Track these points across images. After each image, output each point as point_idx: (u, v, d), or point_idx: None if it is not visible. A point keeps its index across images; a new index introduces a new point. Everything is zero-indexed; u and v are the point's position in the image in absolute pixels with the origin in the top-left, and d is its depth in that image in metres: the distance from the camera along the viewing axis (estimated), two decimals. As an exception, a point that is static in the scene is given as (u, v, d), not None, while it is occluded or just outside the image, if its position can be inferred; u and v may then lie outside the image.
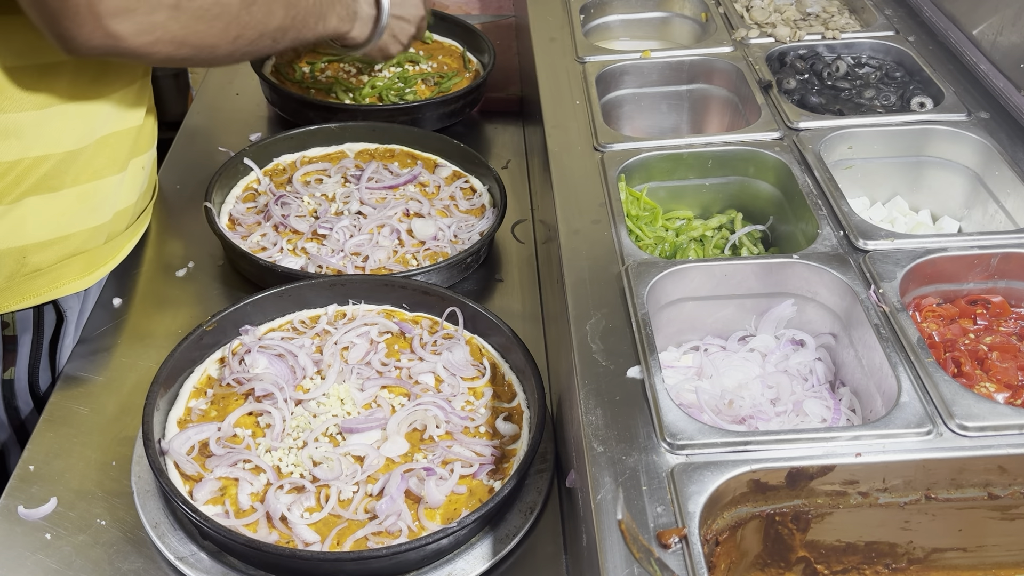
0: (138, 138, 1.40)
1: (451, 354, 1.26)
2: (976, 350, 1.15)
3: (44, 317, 1.36)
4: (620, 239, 1.24)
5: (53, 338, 1.39)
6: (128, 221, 1.44)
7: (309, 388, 1.22)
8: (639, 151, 1.43)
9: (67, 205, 1.29)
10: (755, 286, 1.23)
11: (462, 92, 1.81)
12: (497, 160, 1.79)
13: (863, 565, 1.03)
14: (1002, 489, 0.98)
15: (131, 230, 1.46)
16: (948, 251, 1.21)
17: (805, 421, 1.14)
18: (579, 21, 1.81)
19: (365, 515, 1.08)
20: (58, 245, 1.31)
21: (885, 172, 1.49)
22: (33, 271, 1.30)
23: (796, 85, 1.61)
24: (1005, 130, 1.43)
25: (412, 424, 1.18)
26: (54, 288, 1.33)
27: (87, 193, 1.31)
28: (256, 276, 1.44)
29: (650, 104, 1.72)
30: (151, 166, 1.50)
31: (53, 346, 1.40)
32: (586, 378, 1.04)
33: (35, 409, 1.41)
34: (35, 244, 1.28)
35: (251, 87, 1.96)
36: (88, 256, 1.36)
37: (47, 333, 1.38)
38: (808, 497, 0.98)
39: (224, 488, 1.10)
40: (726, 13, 1.83)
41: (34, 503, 1.14)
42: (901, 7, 1.82)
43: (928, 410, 0.99)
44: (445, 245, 1.50)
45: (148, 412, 1.13)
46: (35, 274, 1.30)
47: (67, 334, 1.39)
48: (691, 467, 0.94)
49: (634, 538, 0.87)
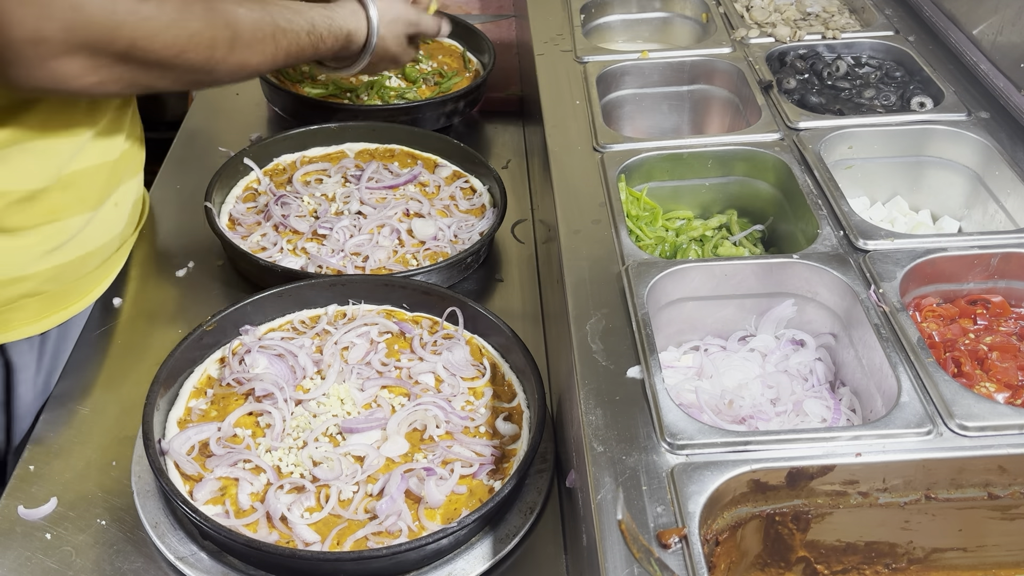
0: (112, 174, 1.31)
1: (451, 354, 1.26)
2: (976, 350, 1.15)
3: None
4: (620, 239, 1.24)
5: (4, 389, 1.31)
6: (97, 262, 1.34)
7: (309, 388, 1.22)
8: (639, 151, 1.43)
9: (24, 246, 1.21)
10: (755, 286, 1.23)
11: (462, 92, 1.81)
12: (497, 160, 1.79)
13: (863, 565, 1.03)
14: (1002, 489, 0.98)
15: (100, 270, 1.36)
16: (948, 251, 1.21)
17: (805, 421, 1.14)
18: (579, 21, 1.81)
19: (365, 515, 1.08)
20: (9, 287, 1.23)
21: (885, 172, 1.49)
22: None
23: (796, 85, 1.61)
24: (1005, 130, 1.43)
25: (412, 424, 1.18)
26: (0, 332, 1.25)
27: (48, 235, 1.23)
28: (256, 276, 1.44)
29: (651, 104, 1.72)
30: (134, 197, 1.42)
31: (7, 396, 1.31)
32: (586, 378, 1.04)
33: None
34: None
35: (251, 87, 1.96)
36: (43, 299, 1.27)
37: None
38: (808, 497, 0.98)
39: (224, 488, 1.10)
40: (726, 13, 1.83)
41: (34, 503, 1.14)
42: (901, 7, 1.82)
43: (928, 410, 0.99)
44: (445, 245, 1.50)
45: (148, 412, 1.13)
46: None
47: (20, 383, 1.30)
48: (691, 467, 0.94)
49: (634, 538, 0.87)
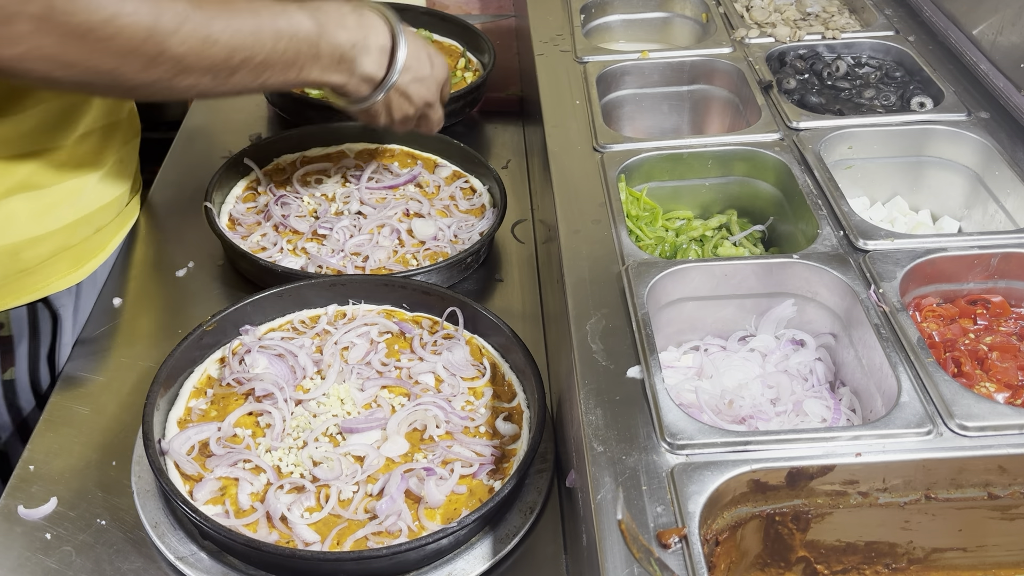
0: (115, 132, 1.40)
1: (451, 354, 1.26)
2: (976, 350, 1.15)
3: (39, 315, 1.36)
4: (620, 239, 1.24)
5: (51, 337, 1.39)
6: (112, 214, 1.44)
7: (309, 388, 1.22)
8: (639, 151, 1.43)
9: (52, 202, 1.29)
10: (755, 286, 1.23)
11: (462, 92, 1.81)
12: (497, 160, 1.79)
13: (863, 565, 1.03)
14: (1002, 489, 0.98)
15: (116, 223, 1.46)
16: (948, 251, 1.21)
17: (805, 421, 1.14)
18: (579, 21, 1.81)
19: (365, 515, 1.08)
20: (46, 241, 1.30)
21: (885, 172, 1.49)
22: (23, 269, 1.30)
23: (796, 85, 1.61)
24: (1005, 130, 1.43)
25: (412, 424, 1.18)
26: (46, 285, 1.33)
27: (71, 189, 1.31)
28: (256, 276, 1.44)
29: (651, 105, 1.72)
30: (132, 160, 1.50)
31: (52, 345, 1.39)
32: (586, 378, 1.04)
33: (37, 407, 1.41)
34: (24, 241, 1.28)
35: (251, 87, 1.96)
36: (76, 251, 1.36)
37: (43, 332, 1.37)
38: (808, 497, 0.98)
39: (224, 488, 1.10)
40: (726, 13, 1.83)
41: (34, 503, 1.14)
42: (901, 7, 1.82)
43: (928, 410, 0.99)
44: (445, 245, 1.50)
45: (148, 412, 1.13)
46: (24, 272, 1.30)
47: (64, 331, 1.39)
48: (691, 467, 0.94)
49: (634, 538, 0.87)
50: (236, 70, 1.14)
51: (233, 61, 1.13)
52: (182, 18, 1.06)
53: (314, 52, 1.23)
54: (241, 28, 1.13)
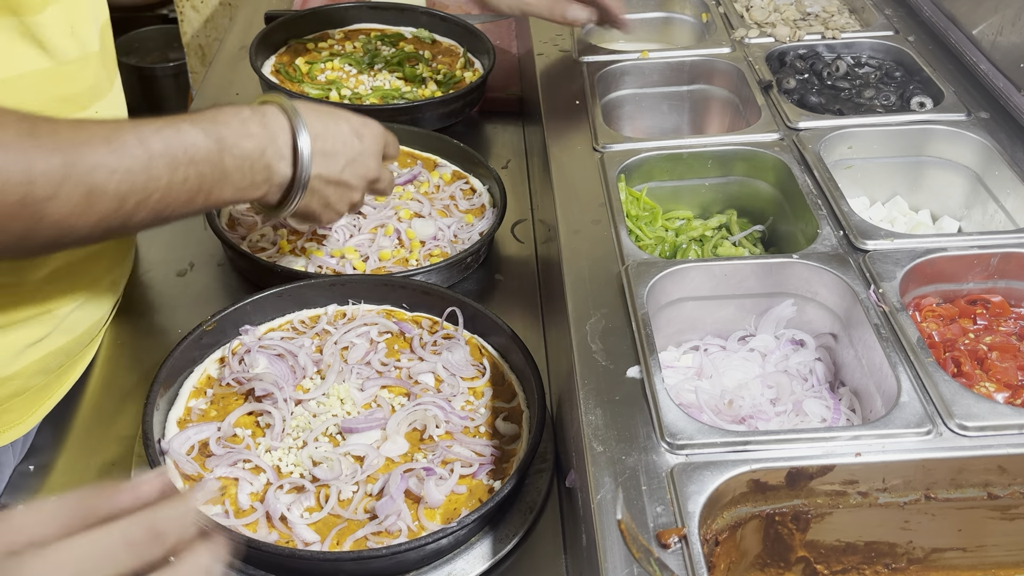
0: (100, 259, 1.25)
1: (451, 354, 1.26)
2: (976, 350, 1.15)
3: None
4: (620, 239, 1.24)
5: None
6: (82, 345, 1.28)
7: (309, 388, 1.22)
8: (639, 151, 1.43)
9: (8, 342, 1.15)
10: (755, 286, 1.23)
11: (462, 92, 1.81)
12: (497, 160, 1.79)
13: (863, 565, 1.03)
14: (1002, 489, 0.98)
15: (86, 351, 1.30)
16: (948, 251, 1.21)
17: (805, 421, 1.14)
18: (579, 21, 1.81)
19: (365, 515, 1.08)
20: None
21: (885, 172, 1.49)
22: None
23: (796, 85, 1.61)
24: (1005, 130, 1.43)
25: (412, 424, 1.18)
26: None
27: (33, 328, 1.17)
28: (256, 276, 1.44)
29: (651, 104, 1.72)
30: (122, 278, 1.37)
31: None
32: (586, 378, 1.04)
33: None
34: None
35: (251, 87, 1.96)
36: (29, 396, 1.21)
37: None
38: (808, 497, 0.98)
39: (224, 488, 1.10)
40: (726, 13, 1.83)
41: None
42: (901, 7, 1.82)
43: (928, 410, 0.99)
44: (445, 245, 1.50)
45: (148, 412, 1.13)
46: None
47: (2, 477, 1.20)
48: (691, 467, 0.94)
49: (634, 538, 0.87)
50: (132, 215, 1.00)
51: (127, 207, 0.98)
52: (60, 178, 0.92)
53: (219, 172, 1.07)
54: (131, 167, 0.97)
